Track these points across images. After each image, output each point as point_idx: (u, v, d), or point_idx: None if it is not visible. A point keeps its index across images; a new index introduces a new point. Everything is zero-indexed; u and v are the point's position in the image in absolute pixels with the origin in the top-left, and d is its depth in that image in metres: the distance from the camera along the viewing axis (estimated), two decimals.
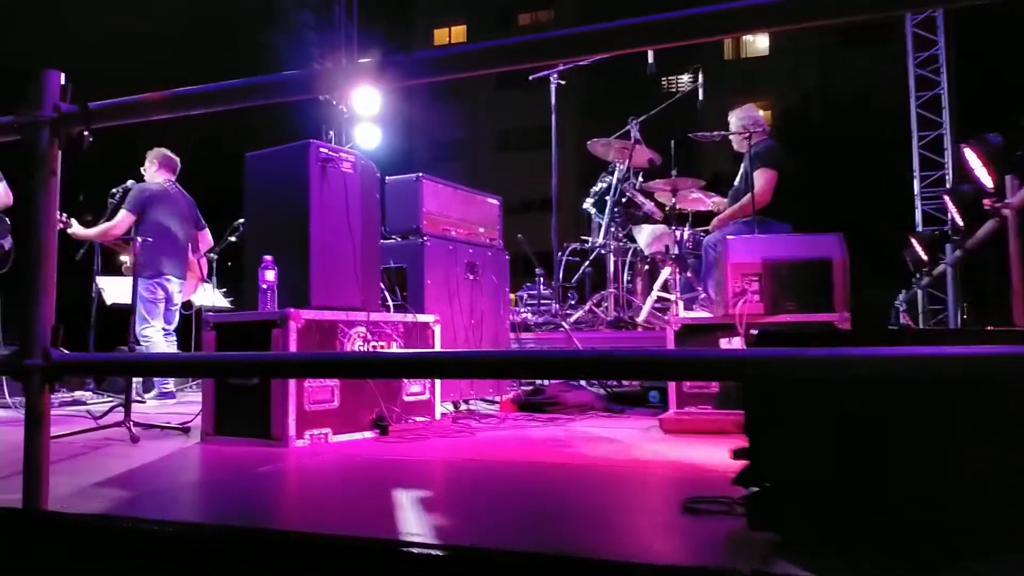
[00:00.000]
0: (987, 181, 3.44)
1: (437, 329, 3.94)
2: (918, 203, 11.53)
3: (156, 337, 5.87)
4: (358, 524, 1.93)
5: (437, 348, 3.94)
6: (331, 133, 3.92)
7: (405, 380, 3.76)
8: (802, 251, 4.31)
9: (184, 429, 3.80)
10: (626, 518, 2.00)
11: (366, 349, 3.57)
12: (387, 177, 4.50)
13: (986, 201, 3.50)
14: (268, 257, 3.43)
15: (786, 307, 4.27)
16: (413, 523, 1.89)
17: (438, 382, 3.95)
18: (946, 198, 4.78)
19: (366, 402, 3.56)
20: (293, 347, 3.23)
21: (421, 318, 3.91)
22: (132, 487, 2.41)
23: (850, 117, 22.64)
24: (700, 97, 6.18)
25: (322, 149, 3.53)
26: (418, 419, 3.80)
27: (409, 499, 2.22)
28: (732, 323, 4.23)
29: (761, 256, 4.30)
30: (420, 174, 4.33)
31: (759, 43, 32.31)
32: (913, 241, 7.02)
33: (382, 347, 3.66)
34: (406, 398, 3.76)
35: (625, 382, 7.96)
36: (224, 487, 2.49)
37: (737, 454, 1.56)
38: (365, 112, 8.48)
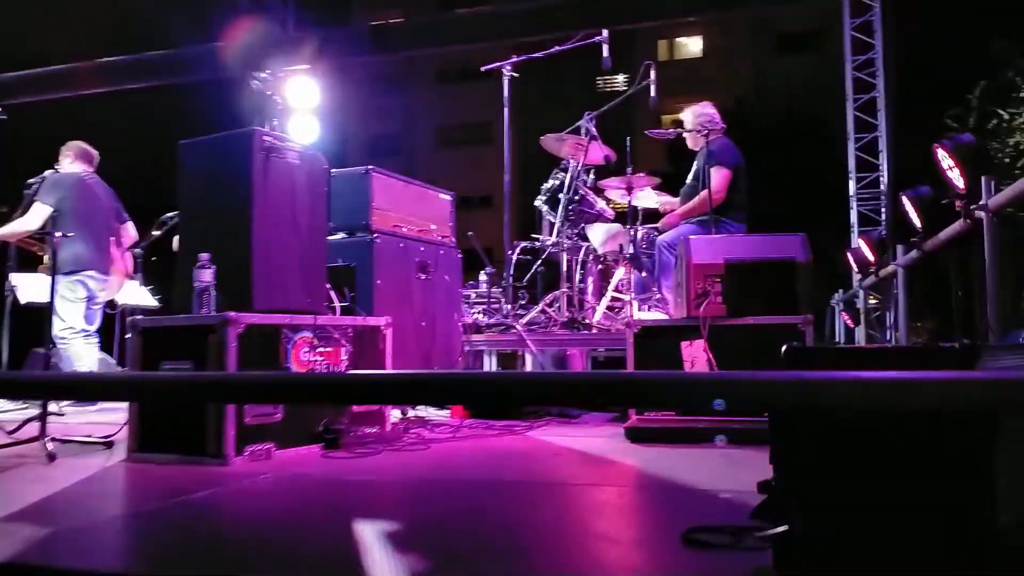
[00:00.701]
0: (959, 182, 3.37)
1: (389, 333, 3.69)
2: (853, 204, 11.71)
3: (75, 340, 5.44)
4: (313, 567, 1.68)
5: (389, 354, 3.68)
6: (275, 122, 3.58)
7: None
8: (765, 251, 4.20)
9: (107, 443, 3.46)
10: (617, 551, 1.80)
11: (312, 356, 3.29)
12: (332, 170, 4.21)
13: (957, 203, 3.43)
14: (205, 255, 3.12)
15: (749, 309, 4.15)
16: (380, 566, 1.65)
17: None
18: (904, 200, 4.75)
19: (313, 412, 3.28)
20: (232, 356, 2.94)
21: (372, 321, 3.64)
22: (49, 522, 2.09)
23: (786, 119, 23.10)
24: (652, 94, 6.02)
25: (266, 138, 3.24)
26: (368, 430, 3.54)
27: (371, 532, 1.97)
28: (693, 325, 4.10)
29: (724, 256, 4.17)
30: (370, 167, 4.06)
31: (692, 46, 32.76)
32: (861, 241, 7.06)
33: (330, 353, 3.38)
34: (355, 408, 3.50)
35: None
36: (157, 520, 2.19)
37: (762, 487, 1.38)
38: (302, 103, 8.11)
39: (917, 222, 4.62)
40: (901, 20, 11.73)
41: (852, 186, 11.66)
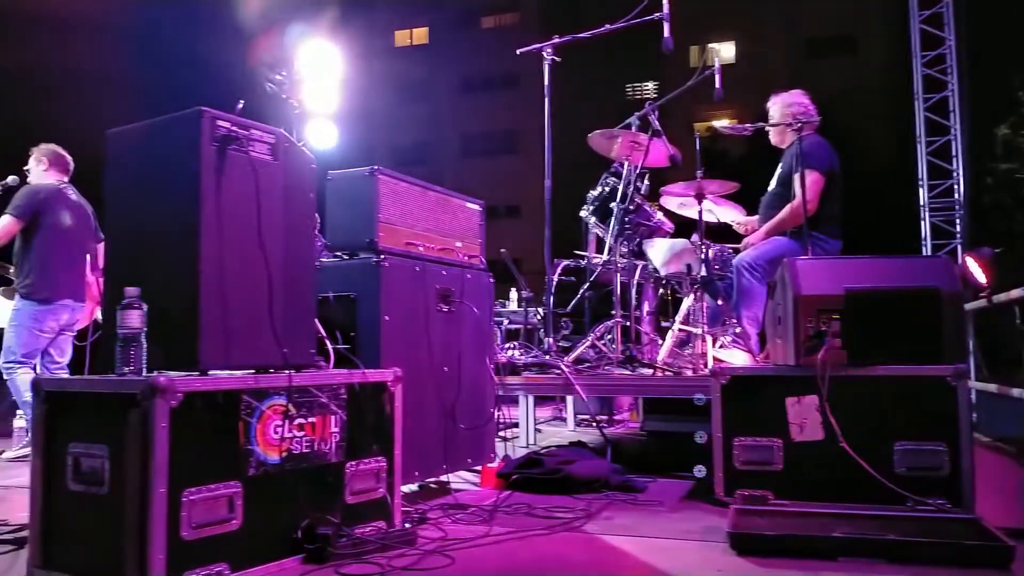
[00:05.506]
0: None
1: (398, 391, 2.71)
2: (925, 214, 10.57)
3: (21, 371, 4.62)
4: None
5: (398, 419, 2.70)
6: (241, 103, 2.69)
7: (348, 469, 2.53)
8: (898, 278, 3.16)
9: (17, 542, 2.56)
10: None
11: (287, 432, 2.32)
12: (329, 172, 3.27)
13: None
14: (132, 289, 2.17)
15: (878, 355, 3.12)
16: None
17: (398, 467, 2.71)
18: (968, 259, 3.72)
19: (286, 511, 2.32)
20: (162, 439, 1.98)
21: (374, 375, 2.66)
22: None
23: (828, 124, 21.95)
24: (717, 85, 4.97)
25: (220, 122, 2.29)
26: (368, 528, 2.56)
27: None
28: (803, 376, 3.09)
29: (844, 285, 3.15)
30: (376, 167, 3.10)
31: (724, 52, 31.60)
32: (969, 260, 5.96)
33: (313, 426, 2.42)
34: (350, 498, 2.52)
35: (617, 415, 6.79)
36: None
37: None
38: (320, 108, 7.24)
39: (982, 280, 3.58)
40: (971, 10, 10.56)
41: (923, 195, 10.51)
